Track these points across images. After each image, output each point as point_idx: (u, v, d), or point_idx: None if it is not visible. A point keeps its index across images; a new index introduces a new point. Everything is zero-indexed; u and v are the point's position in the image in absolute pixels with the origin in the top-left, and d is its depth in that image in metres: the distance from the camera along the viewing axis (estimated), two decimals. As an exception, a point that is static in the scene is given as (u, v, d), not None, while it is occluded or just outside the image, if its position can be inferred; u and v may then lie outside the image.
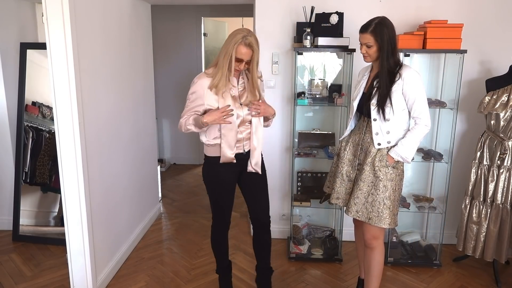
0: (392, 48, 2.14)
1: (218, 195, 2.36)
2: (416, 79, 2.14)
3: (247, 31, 2.10)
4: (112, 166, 2.83)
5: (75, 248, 2.49)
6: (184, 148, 5.62)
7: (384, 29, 2.12)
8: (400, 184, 2.27)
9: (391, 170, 2.21)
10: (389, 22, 2.15)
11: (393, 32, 2.15)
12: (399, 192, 2.27)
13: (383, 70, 2.15)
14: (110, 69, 2.77)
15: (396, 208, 2.25)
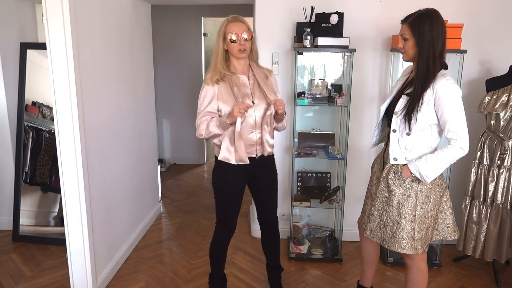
0: (434, 48, 1.82)
1: (226, 200, 2.29)
2: (451, 92, 1.81)
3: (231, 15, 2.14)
4: (112, 166, 2.83)
5: (75, 248, 2.49)
6: (184, 148, 5.63)
7: (426, 22, 1.81)
8: (428, 203, 1.94)
9: (409, 184, 1.93)
10: (437, 17, 1.83)
11: (440, 29, 1.82)
12: (426, 214, 1.94)
13: (419, 74, 1.85)
14: (110, 69, 2.77)
15: (420, 233, 1.95)
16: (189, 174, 5.25)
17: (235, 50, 2.10)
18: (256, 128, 2.17)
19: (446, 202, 2.02)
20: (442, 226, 2.05)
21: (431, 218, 1.96)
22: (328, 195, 3.03)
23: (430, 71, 1.83)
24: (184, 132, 5.55)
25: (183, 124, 5.52)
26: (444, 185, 2.00)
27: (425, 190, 1.93)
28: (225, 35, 2.10)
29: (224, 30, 2.10)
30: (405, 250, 1.96)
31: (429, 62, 1.82)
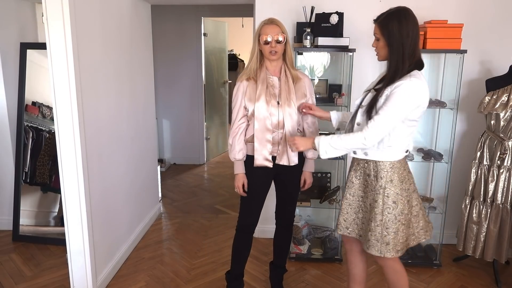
0: (403, 48, 1.80)
1: (248, 196, 2.33)
2: (403, 91, 1.77)
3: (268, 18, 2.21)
4: (112, 166, 2.83)
5: (75, 248, 2.49)
6: (184, 148, 5.63)
7: (395, 22, 1.79)
8: (396, 209, 1.91)
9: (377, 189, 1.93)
10: (407, 16, 1.80)
11: (411, 28, 1.79)
12: (393, 219, 1.92)
13: (388, 72, 1.86)
14: (110, 69, 2.77)
15: (387, 237, 1.93)
16: (189, 174, 5.25)
17: (267, 52, 2.17)
18: (279, 128, 2.21)
19: (417, 205, 2.01)
20: (418, 230, 2.04)
21: (399, 223, 1.93)
22: (328, 195, 3.03)
23: (398, 71, 1.82)
24: (184, 132, 5.55)
25: (183, 124, 5.52)
26: (411, 189, 1.98)
27: (392, 196, 1.92)
28: (259, 37, 2.17)
29: (259, 32, 2.17)
30: (372, 252, 1.98)
31: (398, 62, 1.82)
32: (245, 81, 2.24)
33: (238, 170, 2.29)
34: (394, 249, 1.95)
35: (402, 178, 1.94)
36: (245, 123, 2.27)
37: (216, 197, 4.43)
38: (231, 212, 4.00)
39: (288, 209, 2.47)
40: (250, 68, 2.23)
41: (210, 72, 5.73)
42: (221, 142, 6.22)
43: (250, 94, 2.21)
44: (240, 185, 2.29)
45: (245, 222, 2.41)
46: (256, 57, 2.21)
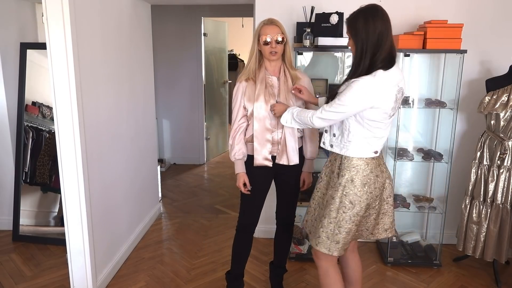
0: (367, 47, 1.77)
1: (248, 196, 2.34)
2: (354, 87, 1.76)
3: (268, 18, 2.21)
4: (112, 166, 2.83)
5: (75, 248, 2.49)
6: (184, 148, 5.62)
7: (360, 20, 1.78)
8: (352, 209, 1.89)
9: (337, 187, 1.92)
10: (374, 14, 1.78)
11: (376, 26, 1.76)
12: (348, 219, 1.90)
13: (350, 72, 1.86)
14: (110, 69, 2.77)
15: (338, 236, 1.92)
16: (189, 174, 5.24)
17: (267, 52, 2.17)
18: (278, 127, 2.23)
19: (373, 208, 1.97)
20: (362, 228, 2.03)
21: (352, 224, 1.91)
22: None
23: (358, 68, 1.80)
24: (184, 132, 5.54)
25: (183, 124, 5.52)
26: (376, 194, 1.92)
27: (350, 196, 1.89)
28: (259, 37, 2.17)
29: (259, 32, 2.17)
30: (319, 247, 1.97)
31: (360, 61, 1.80)
32: (244, 82, 2.24)
33: (239, 170, 2.30)
34: (342, 248, 1.96)
35: (365, 180, 1.89)
36: (245, 123, 2.28)
37: (216, 197, 4.43)
38: (231, 212, 4.00)
39: (288, 209, 2.48)
40: (249, 68, 2.23)
41: (210, 72, 5.73)
42: (221, 142, 6.22)
43: (249, 94, 2.22)
44: (241, 184, 2.30)
45: (245, 222, 2.41)
46: (255, 57, 2.21)
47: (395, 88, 1.82)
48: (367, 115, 1.83)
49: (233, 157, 2.29)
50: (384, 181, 1.97)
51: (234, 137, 2.27)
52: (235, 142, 2.27)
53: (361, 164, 1.90)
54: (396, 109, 1.89)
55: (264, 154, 2.22)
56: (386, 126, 1.90)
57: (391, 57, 1.83)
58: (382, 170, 1.98)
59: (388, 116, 1.86)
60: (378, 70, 1.78)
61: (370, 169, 1.91)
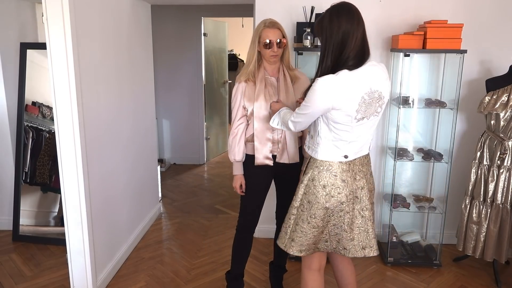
0: (328, 45, 1.71)
1: (248, 194, 2.35)
2: (314, 87, 1.71)
3: (267, 19, 2.19)
4: (112, 166, 2.83)
5: (75, 248, 2.49)
6: (184, 148, 5.62)
7: (326, 18, 1.72)
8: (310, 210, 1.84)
9: (301, 184, 1.88)
10: (339, 12, 1.71)
11: (341, 25, 1.68)
12: (305, 219, 1.85)
13: (316, 73, 1.79)
14: (110, 69, 2.77)
15: (294, 233, 1.89)
16: (189, 174, 5.24)
17: (267, 55, 2.17)
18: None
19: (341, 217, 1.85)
20: (333, 240, 1.92)
21: (309, 226, 1.85)
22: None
23: (320, 69, 1.75)
24: (184, 132, 5.54)
25: (183, 124, 5.52)
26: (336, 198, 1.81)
27: (309, 195, 1.84)
28: (259, 39, 2.16)
29: (260, 34, 2.15)
30: (278, 241, 1.96)
31: (323, 60, 1.74)
32: (243, 82, 2.25)
33: (237, 171, 2.31)
34: (298, 248, 1.91)
35: (326, 182, 1.81)
36: (244, 123, 2.28)
37: (216, 197, 4.43)
38: (231, 212, 4.00)
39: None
40: (249, 70, 2.22)
41: (210, 72, 5.73)
42: (221, 142, 6.22)
43: (249, 94, 2.22)
44: (238, 186, 2.31)
45: (245, 222, 2.42)
46: (255, 59, 2.20)
47: (362, 90, 1.70)
48: (331, 117, 1.74)
49: (232, 159, 2.29)
50: (355, 190, 1.85)
51: (234, 138, 2.27)
52: (235, 143, 2.27)
53: (326, 165, 1.82)
54: (371, 114, 1.76)
55: (265, 153, 2.22)
56: (355, 130, 1.77)
57: (360, 57, 1.72)
58: (355, 178, 1.85)
59: (353, 119, 1.73)
60: (342, 70, 1.69)
61: (336, 172, 1.80)
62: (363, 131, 1.81)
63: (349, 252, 1.91)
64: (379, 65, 1.81)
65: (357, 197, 1.87)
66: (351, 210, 1.86)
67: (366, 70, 1.73)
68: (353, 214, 1.87)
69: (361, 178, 1.87)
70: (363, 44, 1.73)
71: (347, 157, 1.82)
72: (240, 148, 2.26)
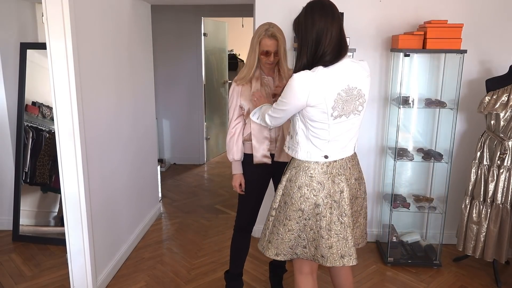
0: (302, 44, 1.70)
1: (246, 195, 2.36)
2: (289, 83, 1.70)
3: (269, 24, 2.16)
4: (112, 166, 2.83)
5: (75, 248, 2.49)
6: (184, 148, 5.62)
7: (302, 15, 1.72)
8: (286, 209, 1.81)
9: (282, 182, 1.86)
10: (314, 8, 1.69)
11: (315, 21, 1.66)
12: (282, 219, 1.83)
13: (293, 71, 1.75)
14: (110, 69, 2.77)
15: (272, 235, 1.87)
16: (189, 174, 5.24)
17: (263, 61, 2.19)
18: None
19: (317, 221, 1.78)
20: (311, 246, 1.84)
21: (285, 228, 1.81)
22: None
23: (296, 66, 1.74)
24: (184, 132, 5.54)
25: (183, 124, 5.52)
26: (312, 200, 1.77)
27: (286, 195, 1.81)
28: (259, 44, 2.15)
29: (259, 41, 2.14)
30: (258, 246, 1.94)
31: (299, 57, 1.72)
32: (240, 86, 2.27)
33: (236, 171, 2.31)
34: (274, 251, 1.88)
35: (302, 183, 1.77)
36: (241, 123, 2.29)
37: (216, 197, 4.43)
38: (231, 212, 4.00)
39: None
40: (245, 75, 2.22)
41: (210, 72, 5.73)
42: (221, 142, 6.22)
43: (246, 94, 2.24)
44: (237, 184, 2.32)
45: (243, 222, 2.43)
46: (255, 66, 2.19)
47: (338, 87, 1.67)
48: (307, 115, 1.71)
49: (231, 158, 2.30)
50: (333, 194, 1.77)
51: (231, 138, 2.28)
52: (233, 143, 2.27)
53: (303, 166, 1.78)
54: (350, 112, 1.73)
55: (263, 152, 2.23)
56: (332, 128, 1.73)
57: (336, 53, 1.69)
58: (334, 181, 1.78)
59: (330, 117, 1.69)
60: (318, 67, 1.67)
61: (312, 173, 1.76)
62: (343, 130, 1.76)
63: (327, 260, 1.80)
64: (359, 62, 1.79)
65: (335, 201, 1.78)
66: (328, 215, 1.77)
67: (343, 66, 1.71)
68: (330, 220, 1.78)
69: (340, 182, 1.79)
70: (340, 39, 1.70)
71: (327, 157, 1.77)
72: (238, 147, 2.27)
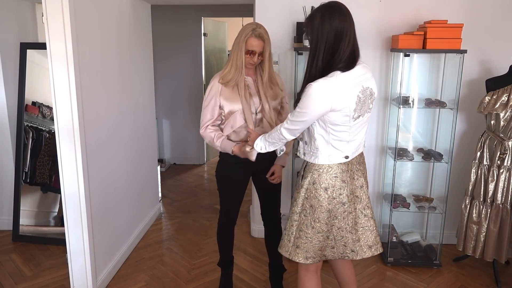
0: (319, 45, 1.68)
1: (227, 193, 2.40)
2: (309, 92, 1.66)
3: (256, 24, 2.15)
4: (112, 166, 2.83)
5: (75, 248, 2.49)
6: (184, 148, 5.63)
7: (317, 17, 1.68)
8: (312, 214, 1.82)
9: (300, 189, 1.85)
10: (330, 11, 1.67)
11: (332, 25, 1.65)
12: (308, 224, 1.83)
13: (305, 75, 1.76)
14: (110, 69, 2.77)
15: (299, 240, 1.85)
16: (189, 174, 5.25)
17: (246, 61, 2.17)
18: (256, 125, 2.25)
19: (344, 219, 1.84)
20: (339, 245, 1.90)
21: (314, 230, 1.83)
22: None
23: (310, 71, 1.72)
24: (184, 132, 5.55)
25: (183, 124, 5.52)
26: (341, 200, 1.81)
27: (311, 199, 1.81)
28: (245, 43, 2.13)
29: (245, 40, 2.12)
30: (280, 249, 1.93)
31: (313, 62, 1.71)
32: (219, 82, 2.23)
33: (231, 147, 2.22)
34: (303, 255, 1.87)
35: (327, 184, 1.80)
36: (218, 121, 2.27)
37: (216, 197, 4.40)
38: (231, 212, 4.00)
39: (273, 207, 2.50)
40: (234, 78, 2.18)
41: (210, 72, 5.73)
42: (221, 142, 6.21)
43: (226, 94, 2.21)
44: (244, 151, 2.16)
45: (226, 219, 2.49)
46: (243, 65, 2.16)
47: (356, 89, 1.71)
48: (328, 119, 1.73)
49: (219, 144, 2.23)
50: (354, 190, 1.86)
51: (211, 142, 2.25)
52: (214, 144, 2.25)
53: (325, 167, 1.80)
54: (365, 111, 1.77)
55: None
56: (353, 129, 1.78)
57: (352, 58, 1.71)
58: (353, 177, 1.86)
59: (351, 119, 1.73)
60: (335, 72, 1.67)
61: (335, 173, 1.80)
62: (359, 129, 1.82)
63: (357, 254, 1.90)
64: (363, 63, 1.82)
65: (357, 197, 1.87)
66: (353, 210, 1.85)
67: (356, 69, 1.74)
68: (355, 214, 1.87)
69: (359, 177, 1.88)
70: (354, 45, 1.72)
71: (347, 157, 1.82)
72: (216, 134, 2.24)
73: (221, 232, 2.54)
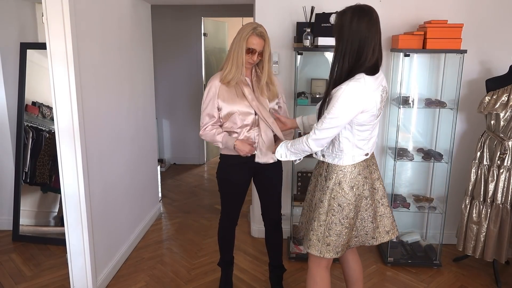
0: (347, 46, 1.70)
1: (228, 196, 2.40)
2: (341, 95, 1.69)
3: (256, 24, 2.16)
4: (112, 166, 2.83)
5: (75, 248, 2.49)
6: (184, 148, 5.63)
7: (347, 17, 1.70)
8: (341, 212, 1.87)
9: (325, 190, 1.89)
10: (362, 14, 1.70)
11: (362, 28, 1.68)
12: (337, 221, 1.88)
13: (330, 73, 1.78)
14: (110, 69, 2.77)
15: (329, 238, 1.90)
16: (189, 174, 5.25)
17: (246, 60, 2.17)
18: (254, 126, 2.25)
19: (366, 211, 1.93)
20: (362, 234, 1.99)
21: (342, 227, 1.89)
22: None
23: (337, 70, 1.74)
24: (184, 132, 5.55)
25: (183, 124, 5.52)
26: (364, 195, 1.90)
27: (338, 199, 1.87)
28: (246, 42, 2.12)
29: (246, 38, 2.12)
30: (310, 250, 1.95)
31: (339, 63, 1.73)
32: (217, 83, 2.24)
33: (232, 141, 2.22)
34: (334, 250, 1.93)
35: (353, 183, 1.87)
36: (218, 123, 2.28)
37: (216, 197, 4.43)
38: (231, 212, 4.00)
39: (274, 207, 2.49)
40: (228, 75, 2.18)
41: (210, 72, 5.72)
42: (221, 142, 6.21)
43: (225, 94, 2.22)
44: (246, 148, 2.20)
45: (227, 220, 2.49)
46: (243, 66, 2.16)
47: (379, 89, 1.79)
48: (356, 121, 1.78)
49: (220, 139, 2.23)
50: (373, 183, 1.96)
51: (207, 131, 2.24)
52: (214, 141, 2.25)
53: (349, 167, 1.87)
54: (382, 108, 1.86)
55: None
56: (373, 127, 1.88)
57: (376, 66, 1.77)
58: (371, 171, 1.96)
59: (375, 117, 1.82)
60: (361, 74, 1.72)
61: (358, 171, 1.88)
62: (376, 125, 1.91)
63: (377, 240, 2.02)
64: None
65: (375, 189, 1.98)
66: (373, 202, 1.96)
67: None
68: (375, 205, 1.98)
69: (375, 170, 2.00)
70: (379, 54, 1.78)
71: (367, 154, 1.91)
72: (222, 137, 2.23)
73: (222, 233, 2.55)
